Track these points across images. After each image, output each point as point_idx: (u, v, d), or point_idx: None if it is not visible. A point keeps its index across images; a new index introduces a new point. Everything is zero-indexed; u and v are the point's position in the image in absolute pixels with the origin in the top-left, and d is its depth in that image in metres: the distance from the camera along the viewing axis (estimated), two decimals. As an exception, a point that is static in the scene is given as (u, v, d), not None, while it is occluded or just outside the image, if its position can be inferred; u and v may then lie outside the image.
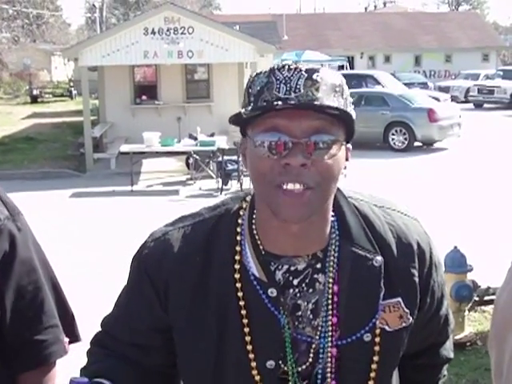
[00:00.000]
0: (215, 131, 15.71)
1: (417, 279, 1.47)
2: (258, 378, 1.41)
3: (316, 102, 1.30)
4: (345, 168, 1.39)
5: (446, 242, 6.40)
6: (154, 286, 1.45)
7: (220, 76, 19.70)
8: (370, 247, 1.44)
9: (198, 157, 13.99)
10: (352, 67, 40.53)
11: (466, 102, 32.71)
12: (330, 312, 1.42)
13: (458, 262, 5.62)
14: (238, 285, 1.41)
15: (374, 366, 1.43)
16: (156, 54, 16.58)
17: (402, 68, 43.44)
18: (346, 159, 1.40)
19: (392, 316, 1.44)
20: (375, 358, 1.43)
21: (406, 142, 18.20)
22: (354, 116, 1.38)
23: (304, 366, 1.43)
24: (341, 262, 1.42)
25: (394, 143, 18.36)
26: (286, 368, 1.41)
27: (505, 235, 8.16)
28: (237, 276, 1.41)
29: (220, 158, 13.24)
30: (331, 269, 1.42)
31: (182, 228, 1.49)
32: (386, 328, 1.44)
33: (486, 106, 32.12)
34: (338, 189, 1.45)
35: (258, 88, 1.34)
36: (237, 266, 1.42)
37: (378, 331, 1.43)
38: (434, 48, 47.88)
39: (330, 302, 1.42)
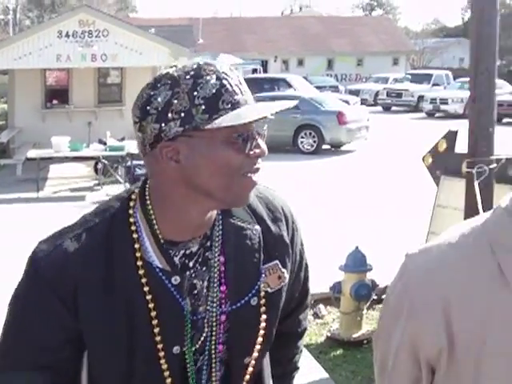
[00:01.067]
0: (126, 135, 15.55)
1: (287, 240, 1.62)
2: (165, 366, 1.47)
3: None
4: None
5: (348, 242, 6.58)
6: (60, 297, 1.44)
7: (133, 79, 19.51)
8: (249, 218, 1.56)
9: (106, 162, 13.83)
10: (266, 71, 40.93)
11: (376, 104, 33.55)
12: (218, 282, 1.51)
13: (358, 261, 5.77)
14: (144, 280, 1.44)
15: (262, 325, 1.56)
16: (69, 58, 16.32)
17: (314, 71, 44.12)
18: None
19: (272, 278, 1.57)
20: (263, 317, 1.55)
21: (315, 145, 18.50)
22: None
23: (200, 342, 1.51)
24: (224, 235, 1.52)
25: (303, 146, 18.61)
26: (184, 349, 1.49)
27: (404, 236, 8.41)
28: (141, 272, 1.44)
29: (129, 163, 13.13)
30: (216, 243, 1.52)
31: (74, 237, 1.47)
32: (268, 290, 1.56)
33: (394, 108, 33.01)
34: None
35: (214, 91, 1.37)
36: (139, 263, 1.45)
37: (262, 294, 1.55)
38: (347, 52, 48.84)
39: (217, 272, 1.51)
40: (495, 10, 4.20)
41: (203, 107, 1.36)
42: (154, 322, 1.44)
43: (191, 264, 1.49)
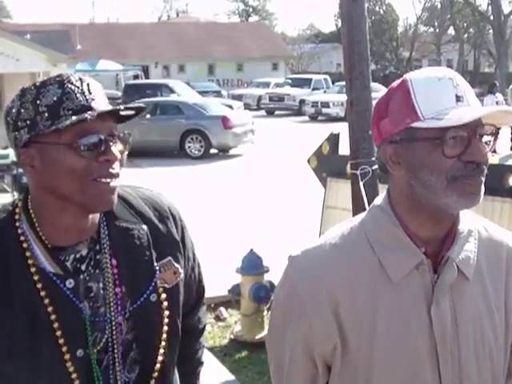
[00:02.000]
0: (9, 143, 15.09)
1: (177, 237, 1.70)
2: (71, 369, 1.50)
3: (115, 106, 1.49)
4: None
5: (243, 245, 6.65)
6: None
7: (11, 86, 18.88)
8: (133, 219, 1.62)
9: (-12, 171, 13.37)
10: (147, 76, 40.57)
11: (259, 109, 33.89)
12: (113, 284, 1.56)
13: (254, 263, 5.81)
14: (39, 285, 1.49)
15: (166, 321, 1.62)
16: None
17: (196, 77, 44.11)
18: None
19: (168, 274, 1.64)
20: (166, 313, 1.62)
21: (203, 150, 18.54)
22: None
23: (102, 343, 1.54)
24: (112, 238, 1.58)
25: (191, 151, 18.60)
26: (88, 351, 1.53)
27: (297, 236, 8.59)
28: (35, 278, 1.49)
29: (15, 171, 12.77)
30: (105, 246, 1.58)
31: None
32: (166, 286, 1.63)
33: (277, 112, 33.43)
34: None
35: (55, 98, 1.45)
36: (33, 269, 1.50)
37: (160, 290, 1.62)
38: (227, 57, 49.10)
39: (111, 275, 1.56)
40: (363, 16, 4.35)
41: (46, 114, 1.44)
42: (55, 325, 1.48)
43: (83, 267, 1.55)
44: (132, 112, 1.53)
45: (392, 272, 1.45)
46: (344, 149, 5.28)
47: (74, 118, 1.43)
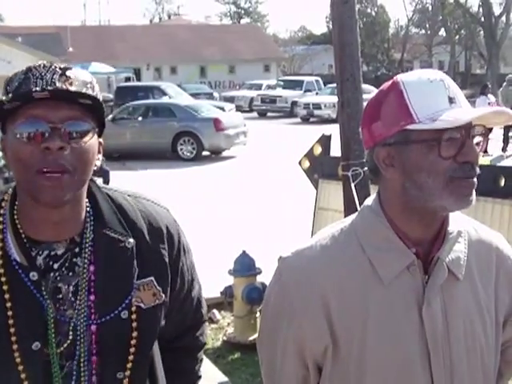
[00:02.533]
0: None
1: (167, 259, 1.62)
2: (19, 360, 1.46)
3: (71, 91, 1.44)
4: (98, 159, 1.53)
5: (235, 246, 6.66)
6: None
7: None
8: (122, 230, 1.56)
9: (-20, 175, 13.35)
10: (139, 79, 40.56)
11: (251, 111, 33.91)
12: (87, 291, 1.52)
13: (246, 265, 5.81)
14: (1, 270, 1.47)
15: (133, 342, 1.54)
16: None
17: (188, 79, 44.09)
18: (99, 152, 1.54)
19: (146, 294, 1.57)
20: (134, 334, 1.54)
21: (195, 152, 18.52)
22: (104, 109, 1.53)
23: (65, 345, 1.50)
24: (96, 244, 1.53)
25: (183, 153, 18.57)
26: (47, 350, 1.49)
27: (290, 238, 8.60)
28: None
29: (7, 174, 12.74)
30: (87, 250, 1.53)
31: None
32: (142, 305, 1.56)
33: (269, 114, 33.45)
34: (92, 180, 1.58)
35: (16, 84, 1.44)
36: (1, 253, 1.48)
37: (134, 308, 1.55)
38: (218, 59, 49.10)
39: (86, 281, 1.52)
40: (354, 18, 4.37)
41: (10, 99, 1.44)
42: (9, 313, 1.46)
43: (56, 266, 1.51)
44: (89, 101, 1.46)
45: (383, 273, 1.45)
46: (335, 150, 5.30)
47: (13, 102, 1.42)
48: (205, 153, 18.76)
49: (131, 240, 1.56)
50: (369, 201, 1.55)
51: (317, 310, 1.46)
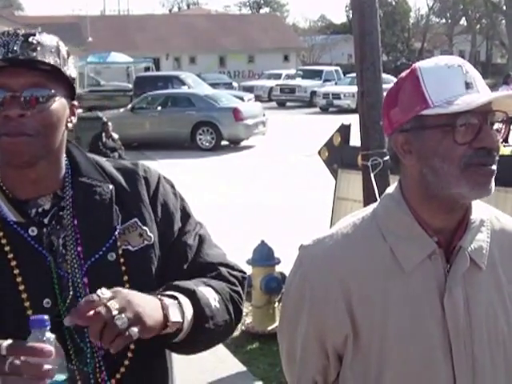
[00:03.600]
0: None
1: (146, 199, 1.63)
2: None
3: (28, 59, 1.45)
4: (70, 122, 1.56)
5: (253, 236, 6.67)
6: None
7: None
8: (100, 177, 1.60)
9: None
10: (158, 68, 40.60)
11: (270, 100, 33.86)
12: (75, 244, 1.53)
13: (265, 255, 5.83)
14: (0, 233, 1.49)
15: (126, 286, 1.50)
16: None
17: (207, 69, 44.06)
18: (73, 114, 1.57)
19: (132, 236, 1.57)
20: (125, 278, 1.53)
21: (214, 142, 18.53)
22: (71, 74, 1.55)
23: (68, 301, 1.50)
24: (75, 194, 1.56)
25: (202, 143, 18.59)
26: (56, 306, 1.49)
27: (308, 228, 8.60)
28: None
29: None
30: (68, 203, 1.56)
31: None
32: (130, 248, 1.56)
33: (288, 104, 33.40)
34: (71, 142, 1.63)
35: None
36: None
37: (121, 251, 1.55)
38: (238, 49, 49.07)
39: (72, 233, 1.53)
40: (375, 7, 4.34)
41: None
42: (16, 271, 1.47)
43: (46, 221, 1.53)
44: (48, 68, 1.48)
45: (404, 261, 1.45)
46: (355, 140, 5.28)
47: None
48: (224, 142, 18.77)
49: (110, 185, 1.59)
50: (390, 189, 1.54)
51: (337, 298, 1.45)
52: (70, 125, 1.56)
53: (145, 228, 1.59)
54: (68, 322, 1.31)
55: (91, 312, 1.28)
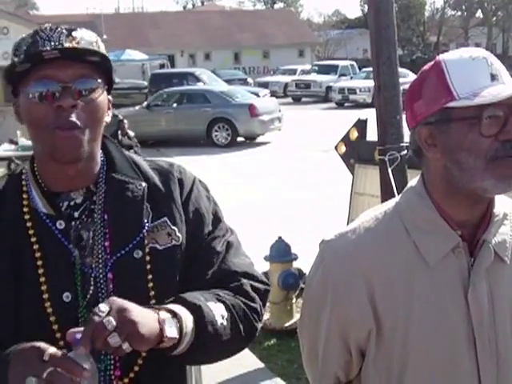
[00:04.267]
0: (36, 135, 15.24)
1: (179, 200, 1.62)
2: (50, 310, 1.46)
3: (81, 49, 1.48)
4: (108, 115, 1.57)
5: (271, 232, 6.66)
6: None
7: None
8: (134, 175, 1.60)
9: (19, 162, 13.52)
10: (173, 65, 40.65)
11: (285, 96, 33.83)
12: (103, 238, 1.53)
13: (283, 251, 5.83)
14: (29, 224, 1.50)
15: (150, 285, 1.52)
16: (-30, 57, 15.81)
17: (222, 65, 44.09)
18: (108, 108, 1.58)
19: (161, 234, 1.56)
20: (149, 277, 1.52)
21: (230, 138, 18.54)
22: (112, 65, 1.58)
23: (89, 296, 1.50)
24: (108, 189, 1.57)
25: (218, 139, 18.60)
26: (76, 301, 1.49)
27: (326, 224, 8.59)
28: (26, 217, 1.51)
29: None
30: (101, 197, 1.56)
31: None
32: (157, 246, 1.55)
33: (303, 99, 33.35)
34: (107, 137, 1.63)
35: (25, 47, 1.48)
36: (25, 209, 1.52)
37: (148, 250, 1.54)
38: (252, 45, 49.02)
39: (101, 228, 1.54)
40: (391, 1, 4.32)
41: (22, 60, 1.48)
42: (39, 262, 1.48)
43: (76, 214, 1.54)
44: (96, 58, 1.50)
45: (428, 255, 1.44)
46: (372, 135, 5.26)
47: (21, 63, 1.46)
48: (239, 139, 18.78)
49: (143, 183, 1.59)
50: (413, 182, 1.53)
51: (361, 292, 1.45)
52: (107, 119, 1.57)
53: (174, 228, 1.58)
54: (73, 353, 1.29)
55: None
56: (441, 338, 1.43)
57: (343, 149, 6.36)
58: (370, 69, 4.47)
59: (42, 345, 1.28)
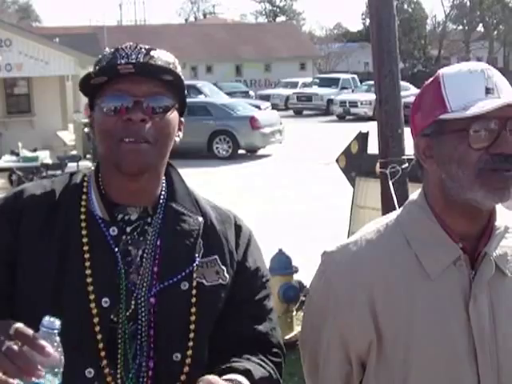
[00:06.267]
0: (38, 146, 15.30)
1: (233, 243, 1.64)
2: (95, 311, 1.48)
3: (155, 65, 1.51)
4: (178, 136, 1.60)
5: (271, 245, 6.66)
6: (6, 215, 1.53)
7: (41, 89, 19.15)
8: (193, 208, 1.62)
9: (21, 173, 13.56)
10: (175, 78, 40.64)
11: (287, 109, 33.88)
12: (151, 263, 1.55)
13: (283, 264, 5.84)
14: (83, 224, 1.53)
15: (192, 318, 1.54)
16: (-28, 69, 15.89)
17: (223, 78, 44.19)
18: (179, 129, 1.60)
19: (209, 271, 1.58)
20: (193, 310, 1.54)
21: (231, 150, 18.58)
22: (185, 87, 1.60)
23: (128, 314, 1.52)
24: (165, 217, 1.59)
25: (219, 151, 18.66)
26: (115, 309, 1.50)
27: (326, 236, 8.59)
28: (82, 217, 1.54)
29: (44, 174, 12.92)
30: (157, 222, 1.58)
31: (38, 182, 1.64)
32: (204, 282, 1.56)
33: (305, 112, 33.42)
34: (171, 164, 1.67)
35: (104, 63, 1.52)
36: (83, 209, 1.55)
37: (195, 283, 1.55)
38: (254, 58, 49.15)
39: (152, 253, 1.55)
40: (393, 15, 4.34)
41: (97, 72, 1.53)
42: (87, 263, 1.50)
43: (128, 230, 1.56)
44: (170, 78, 1.52)
45: (429, 268, 1.44)
46: (373, 148, 5.26)
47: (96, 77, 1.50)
48: (241, 151, 18.81)
49: (200, 218, 1.61)
50: (414, 195, 1.54)
51: (362, 304, 1.45)
52: (177, 139, 1.59)
53: (223, 267, 1.60)
54: None
55: None
56: (442, 350, 1.42)
57: (344, 162, 6.37)
58: (372, 82, 4.49)
59: (14, 322, 1.26)
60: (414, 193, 1.55)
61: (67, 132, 19.43)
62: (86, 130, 17.14)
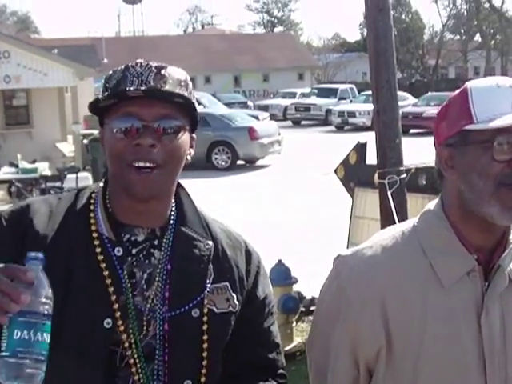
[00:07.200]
0: (37, 158, 15.29)
1: (243, 270, 1.63)
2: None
3: (163, 91, 1.50)
4: (189, 154, 1.58)
5: (270, 256, 6.65)
6: (11, 230, 1.51)
7: (40, 101, 19.17)
8: (203, 233, 1.60)
9: (20, 185, 13.55)
10: (174, 89, 40.68)
11: (285, 119, 33.91)
12: (162, 289, 1.53)
13: (283, 274, 5.81)
14: (89, 243, 1.52)
15: (205, 345, 1.54)
16: (-30, 81, 15.91)
17: (222, 88, 44.24)
18: (191, 146, 1.59)
19: (220, 298, 1.57)
20: (204, 337, 1.54)
21: (229, 161, 18.58)
22: (197, 107, 1.59)
23: (142, 336, 1.51)
24: (175, 241, 1.57)
25: (218, 162, 18.66)
26: (122, 334, 1.49)
27: (326, 247, 8.58)
28: (88, 236, 1.53)
29: (43, 185, 12.92)
30: (166, 247, 1.56)
31: (45, 198, 1.62)
32: (214, 309, 1.56)
33: (303, 122, 33.44)
34: (181, 185, 1.65)
35: (115, 82, 1.51)
36: (89, 228, 1.54)
37: (206, 310, 1.55)
38: (252, 68, 49.21)
39: (163, 277, 1.54)
40: (390, 25, 4.36)
41: (104, 95, 1.52)
42: (108, 283, 1.48)
43: (134, 251, 1.54)
44: (181, 100, 1.51)
45: (443, 277, 1.45)
46: (371, 158, 5.27)
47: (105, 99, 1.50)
48: (239, 162, 18.81)
49: (210, 242, 1.59)
50: (431, 204, 1.55)
51: (374, 310, 1.45)
52: (189, 157, 1.58)
53: (233, 294, 1.59)
54: None
55: None
56: (451, 360, 1.43)
57: (343, 172, 6.38)
58: (370, 92, 4.49)
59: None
60: (431, 202, 1.56)
61: (66, 143, 19.43)
62: (85, 141, 17.17)
